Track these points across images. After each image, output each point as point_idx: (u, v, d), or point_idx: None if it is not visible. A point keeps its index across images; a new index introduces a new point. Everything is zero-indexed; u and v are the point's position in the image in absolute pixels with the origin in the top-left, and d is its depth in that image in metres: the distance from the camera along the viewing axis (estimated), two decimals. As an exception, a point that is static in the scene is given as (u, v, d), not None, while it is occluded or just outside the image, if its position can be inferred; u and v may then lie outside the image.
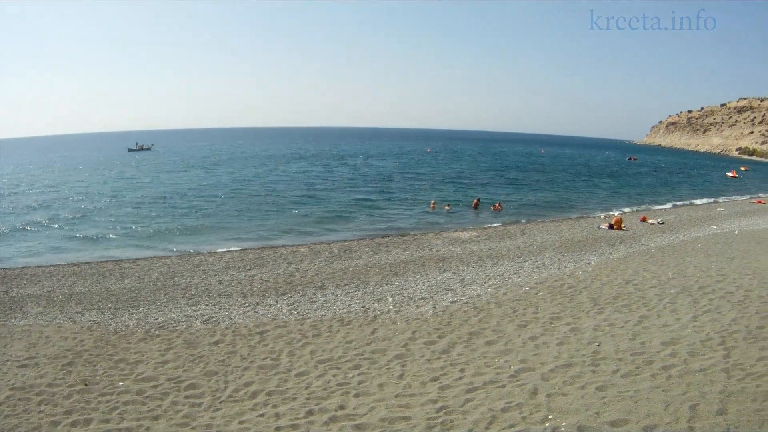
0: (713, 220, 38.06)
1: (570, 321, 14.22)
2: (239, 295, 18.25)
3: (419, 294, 17.85)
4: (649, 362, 10.81)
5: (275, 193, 49.68)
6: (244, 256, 25.00)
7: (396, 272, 21.11)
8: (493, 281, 19.29)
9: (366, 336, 13.75)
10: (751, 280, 17.53)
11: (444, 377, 10.87)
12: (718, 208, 47.01)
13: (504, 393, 9.80)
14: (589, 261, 22.57)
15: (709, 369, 10.18)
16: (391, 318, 15.28)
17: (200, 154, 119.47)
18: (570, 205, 49.40)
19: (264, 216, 37.72)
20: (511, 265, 22.06)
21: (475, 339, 13.22)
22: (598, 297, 16.54)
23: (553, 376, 10.48)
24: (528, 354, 11.89)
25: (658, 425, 8.09)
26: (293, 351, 12.87)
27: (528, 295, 17.22)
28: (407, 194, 51.92)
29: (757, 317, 13.39)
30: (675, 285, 17.47)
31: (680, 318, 13.80)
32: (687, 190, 68.69)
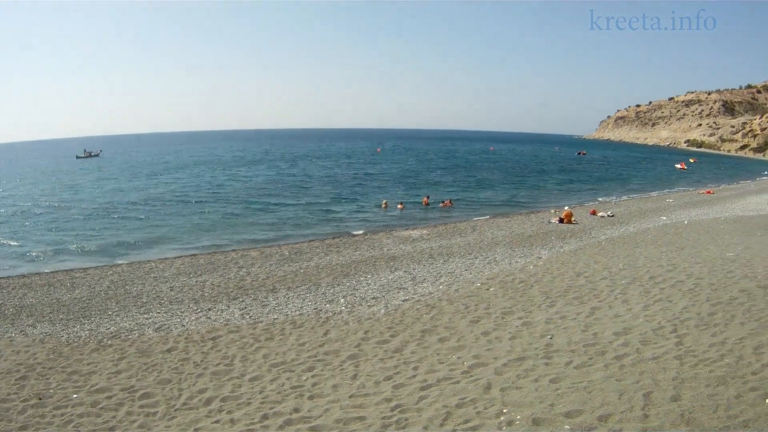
0: (663, 211, 39.19)
1: (522, 315, 14.42)
2: (191, 301, 18.10)
3: (371, 294, 17.96)
4: (601, 353, 11.01)
5: (224, 198, 49.06)
6: (195, 261, 24.72)
7: (347, 273, 21.20)
8: (444, 278, 19.48)
9: (319, 338, 13.80)
10: (701, 269, 18.08)
11: (397, 376, 10.92)
12: (667, 200, 48.41)
13: (458, 389, 9.87)
14: (540, 255, 22.95)
15: (661, 357, 10.42)
16: (343, 319, 15.36)
17: (148, 159, 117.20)
18: (520, 200, 50.29)
19: (214, 221, 37.18)
20: (462, 261, 22.32)
21: (427, 336, 13.33)
22: (549, 290, 16.83)
23: (506, 370, 10.58)
24: (481, 349, 12.00)
25: (613, 414, 8.22)
26: (246, 356, 12.84)
27: (479, 291, 17.43)
28: (358, 195, 52.06)
29: (708, 304, 13.79)
30: (626, 276, 17.89)
31: (632, 308, 14.12)
32: (636, 182, 70.59)
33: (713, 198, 50.31)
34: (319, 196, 51.14)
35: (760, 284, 15.46)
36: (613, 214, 37.09)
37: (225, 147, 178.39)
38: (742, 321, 12.34)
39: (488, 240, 27.64)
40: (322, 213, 41.03)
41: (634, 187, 65.34)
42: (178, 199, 48.33)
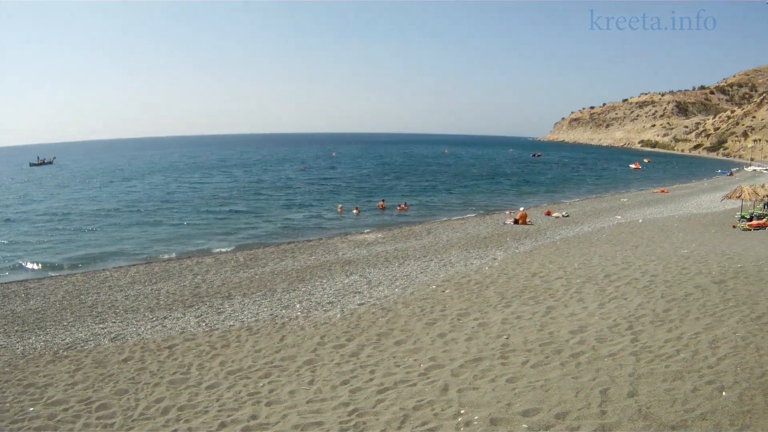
0: (617, 210, 40.04)
1: (478, 316, 14.56)
2: (146, 309, 17.91)
3: (327, 298, 17.99)
4: (557, 351, 11.15)
5: (178, 206, 48.32)
6: (150, 269, 24.39)
7: (303, 278, 21.19)
8: (400, 281, 19.58)
9: (275, 344, 13.79)
10: (656, 266, 18.49)
11: (354, 380, 10.95)
12: (622, 199, 49.43)
13: (415, 391, 9.91)
14: (495, 256, 23.19)
15: (617, 354, 10.60)
16: (299, 324, 15.35)
17: (101, 167, 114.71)
18: (475, 202, 50.78)
19: (168, 229, 36.65)
20: (418, 264, 22.47)
21: (384, 340, 13.40)
22: (505, 291, 17.01)
23: (463, 371, 10.66)
24: (437, 351, 12.09)
25: (570, 412, 8.31)
26: (203, 363, 12.77)
27: (435, 293, 17.56)
28: (313, 199, 52.05)
29: (663, 301, 14.10)
30: (581, 275, 18.20)
31: (587, 306, 14.37)
32: (591, 183, 71.88)
33: (667, 197, 51.58)
34: (274, 201, 50.91)
35: (714, 280, 15.87)
36: (568, 214, 37.71)
37: (178, 153, 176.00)
38: (698, 316, 12.65)
39: (443, 242, 27.85)
40: (276, 218, 40.84)
41: (589, 187, 66.57)
42: (131, 208, 47.50)
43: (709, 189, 59.20)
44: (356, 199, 51.44)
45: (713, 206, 41.71)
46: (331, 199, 50.76)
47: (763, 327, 11.58)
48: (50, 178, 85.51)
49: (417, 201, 50.00)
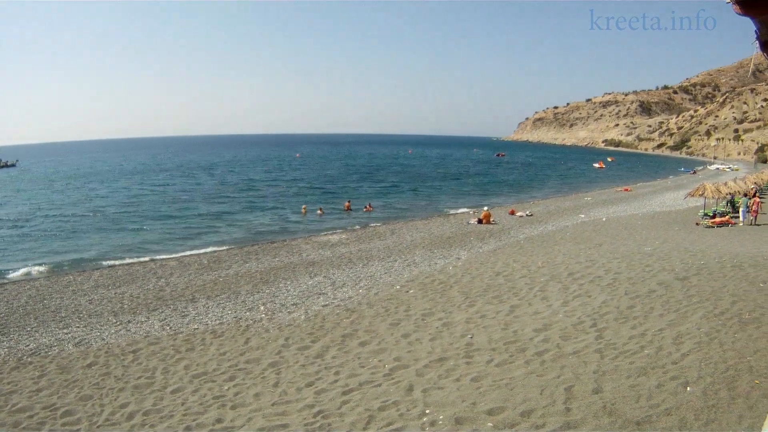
0: (581, 209, 40.55)
1: (442, 316, 14.63)
2: (110, 314, 17.64)
3: (291, 300, 17.94)
4: (522, 350, 11.24)
5: (141, 209, 47.56)
6: (113, 273, 24.03)
7: (267, 280, 21.08)
8: (364, 282, 19.60)
9: (239, 346, 13.73)
10: (619, 264, 18.77)
11: (319, 381, 10.95)
12: (585, 198, 50.08)
13: (380, 392, 9.94)
14: (459, 256, 23.31)
15: (582, 351, 10.73)
16: (263, 326, 15.29)
17: (64, 170, 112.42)
18: (439, 202, 51.01)
19: (132, 232, 36.07)
20: (382, 265, 22.51)
21: (348, 341, 13.41)
22: (469, 290, 17.10)
23: (427, 371, 10.71)
24: (402, 351, 12.13)
25: (535, 409, 8.38)
26: (167, 367, 12.65)
27: (399, 294, 17.60)
28: (277, 201, 51.77)
29: (626, 298, 14.33)
30: (545, 273, 18.39)
31: (551, 305, 14.54)
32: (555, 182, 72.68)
33: (631, 195, 52.41)
34: (238, 203, 50.56)
35: (677, 276, 16.17)
36: (532, 213, 38.07)
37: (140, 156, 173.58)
38: (661, 313, 12.87)
39: (407, 243, 27.91)
40: (240, 220, 40.56)
41: (553, 186, 67.35)
42: (94, 211, 46.56)
43: (672, 187, 60.31)
44: (320, 200, 51.31)
45: (676, 204, 42.49)
46: (295, 201, 50.52)
47: (727, 322, 11.82)
48: (10, 181, 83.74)
49: (382, 202, 50.10)
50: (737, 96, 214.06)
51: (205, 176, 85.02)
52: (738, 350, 10.12)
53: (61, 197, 58.44)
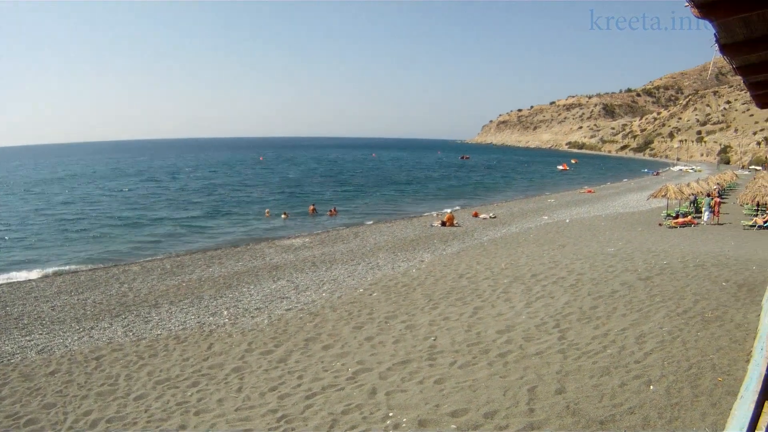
0: (545, 211, 41.01)
1: (405, 319, 14.66)
2: (73, 320, 17.38)
3: (254, 304, 17.86)
4: (485, 351, 11.30)
5: (102, 213, 46.85)
6: (76, 279, 23.68)
7: (230, 284, 20.97)
8: (327, 286, 19.59)
9: (203, 352, 13.65)
10: (582, 265, 19.01)
11: (282, 386, 10.92)
12: (549, 200, 50.64)
13: (343, 396, 9.94)
14: (423, 258, 23.39)
15: (545, 352, 10.82)
16: (227, 331, 15.20)
17: (22, 173, 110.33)
18: (403, 205, 51.23)
19: (94, 237, 35.40)
20: (345, 268, 22.51)
21: (311, 345, 13.39)
22: (432, 293, 17.16)
23: (391, 374, 10.74)
24: (365, 355, 12.14)
25: (499, 411, 8.42)
26: (131, 374, 12.53)
27: (362, 297, 17.62)
28: (241, 205, 51.43)
29: (589, 298, 14.50)
30: (508, 275, 18.52)
31: (514, 306, 14.64)
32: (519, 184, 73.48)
33: (594, 197, 53.14)
34: (201, 207, 50.02)
35: (640, 276, 16.41)
36: (495, 215, 38.39)
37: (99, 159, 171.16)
38: (624, 312, 13.03)
39: (371, 246, 27.96)
40: (204, 224, 40.29)
41: (517, 188, 68.09)
42: (55, 216, 45.61)
43: (635, 189, 61.28)
44: (285, 203, 51.16)
45: (640, 205, 43.19)
46: (259, 205, 50.34)
47: (689, 321, 12.01)
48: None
49: (346, 205, 50.10)
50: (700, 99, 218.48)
51: (168, 180, 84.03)
52: (701, 348, 10.28)
53: (20, 201, 57.40)
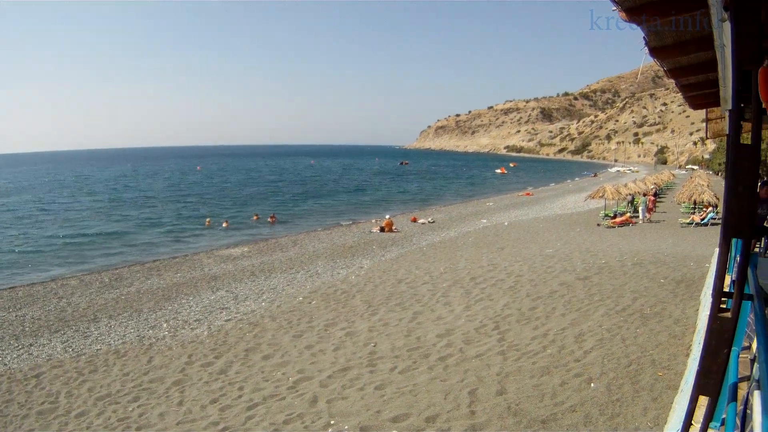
0: (484, 214, 41.55)
1: (345, 326, 14.65)
2: (11, 337, 16.81)
3: (194, 316, 17.63)
4: (425, 356, 11.35)
5: (35, 227, 45.34)
6: (14, 294, 22.91)
7: (169, 296, 20.66)
8: (266, 295, 19.48)
9: (143, 366, 13.43)
10: (521, 266, 19.30)
11: (223, 398, 10.83)
12: (487, 203, 51.32)
13: (284, 405, 9.90)
14: (362, 265, 23.42)
15: (485, 354, 10.92)
16: (166, 344, 14.98)
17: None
18: (342, 212, 51.26)
19: (29, 252, 34.37)
20: (284, 276, 22.40)
21: (251, 355, 13.30)
22: (371, 299, 17.19)
23: (331, 382, 10.73)
24: (305, 363, 12.10)
25: (440, 414, 8.46)
26: (71, 391, 12.23)
27: (302, 305, 17.54)
28: (181, 214, 50.63)
29: (528, 300, 14.72)
30: (447, 279, 18.69)
31: (454, 309, 14.77)
32: (458, 188, 74.32)
33: (533, 199, 54.10)
34: (139, 218, 48.88)
35: (579, 276, 16.72)
36: (434, 220, 38.70)
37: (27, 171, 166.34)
38: (563, 312, 13.27)
39: (310, 253, 27.90)
40: (141, 236, 39.39)
41: (455, 193, 68.72)
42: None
43: (573, 190, 62.57)
44: (225, 212, 50.74)
45: (578, 207, 44.11)
46: (199, 214, 49.81)
47: (628, 318, 12.28)
48: None
49: (284, 213, 49.94)
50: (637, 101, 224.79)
51: (104, 191, 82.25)
52: (640, 345, 10.52)
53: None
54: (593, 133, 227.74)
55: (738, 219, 3.43)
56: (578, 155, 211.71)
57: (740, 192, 3.37)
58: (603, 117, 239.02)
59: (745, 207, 3.39)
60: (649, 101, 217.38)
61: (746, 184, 3.36)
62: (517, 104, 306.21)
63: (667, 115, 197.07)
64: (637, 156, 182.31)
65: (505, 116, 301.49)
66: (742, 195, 3.37)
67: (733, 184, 3.40)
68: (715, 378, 3.78)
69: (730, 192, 3.42)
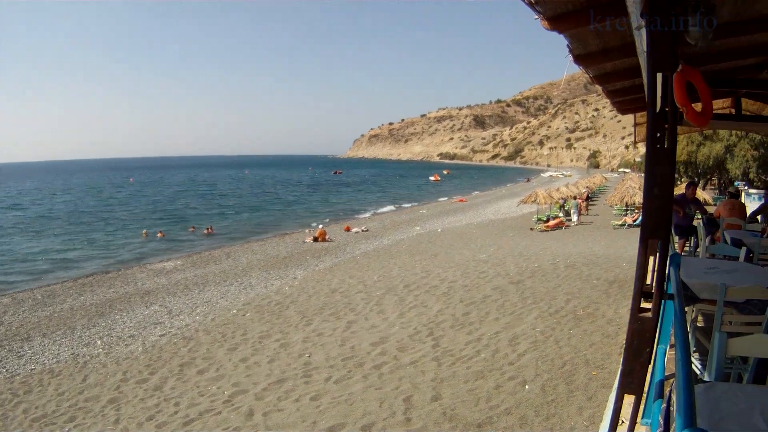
0: (417, 222, 41.89)
1: (279, 337, 14.62)
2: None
3: (128, 332, 17.33)
4: (360, 364, 11.43)
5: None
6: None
7: (102, 312, 20.24)
8: (200, 309, 19.30)
9: (78, 384, 13.14)
10: (454, 272, 19.58)
11: (159, 414, 10.70)
12: (421, 210, 51.79)
13: (220, 420, 9.85)
14: (296, 275, 23.39)
15: (419, 360, 11.05)
16: (101, 361, 14.68)
17: None
18: (275, 222, 51.02)
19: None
20: (218, 289, 22.22)
21: (186, 370, 13.15)
22: (305, 309, 17.18)
23: (267, 394, 10.71)
24: (240, 377, 12.05)
25: (376, 422, 8.53)
26: (6, 413, 11.90)
27: (236, 318, 17.44)
28: (116, 227, 49.60)
29: (462, 305, 14.97)
30: (381, 287, 18.84)
31: (388, 317, 14.91)
32: (392, 196, 74.75)
33: (466, 205, 54.76)
34: (73, 232, 47.55)
35: (512, 280, 17.03)
36: (368, 228, 38.86)
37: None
38: (497, 316, 13.51)
39: (243, 265, 27.73)
40: (76, 249, 38.48)
41: (389, 201, 69.00)
42: None
43: (507, 195, 63.65)
44: (160, 224, 50.00)
45: (511, 212, 44.87)
46: (134, 226, 49.03)
47: (561, 320, 12.59)
48: None
49: (218, 224, 49.54)
50: (569, 107, 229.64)
51: (29, 203, 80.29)
52: (574, 345, 10.79)
53: None
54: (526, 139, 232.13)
55: (654, 220, 3.58)
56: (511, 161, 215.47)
57: (656, 194, 3.52)
58: (535, 123, 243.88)
59: (661, 209, 3.54)
60: (581, 107, 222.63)
61: (661, 187, 3.51)
62: (450, 112, 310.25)
63: (599, 120, 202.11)
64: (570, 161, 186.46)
65: (438, 124, 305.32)
66: (658, 197, 3.52)
67: (649, 187, 3.54)
68: (639, 377, 3.92)
69: (646, 194, 3.57)
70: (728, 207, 11.53)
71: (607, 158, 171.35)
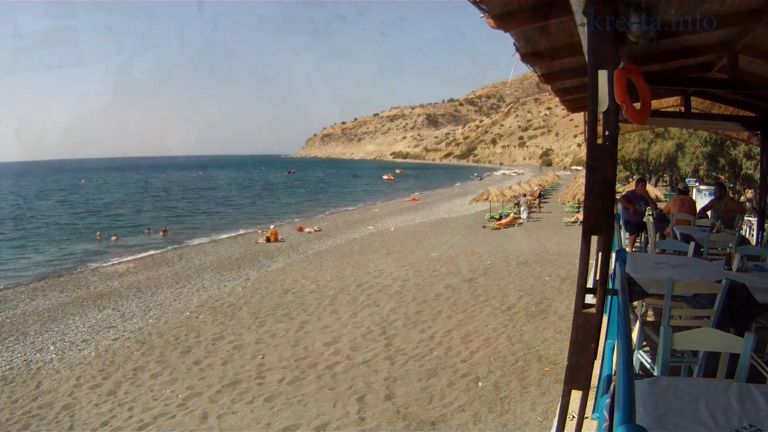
0: (370, 221, 41.87)
1: (232, 339, 14.55)
2: None
3: (81, 337, 17.00)
4: (313, 365, 11.44)
5: None
6: None
7: (55, 317, 19.83)
8: (153, 311, 19.07)
9: (31, 391, 12.88)
10: (407, 271, 19.65)
11: (114, 420, 10.58)
12: (374, 209, 51.81)
13: (175, 423, 9.80)
14: (249, 276, 23.23)
15: (372, 360, 11.11)
16: (54, 367, 14.39)
17: None
18: (228, 223, 50.52)
19: None
20: (171, 291, 21.97)
21: (140, 374, 12.99)
22: (258, 311, 17.10)
23: (220, 396, 10.67)
24: (194, 379, 11.97)
25: (330, 422, 8.56)
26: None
27: (189, 320, 17.28)
28: (67, 230, 48.45)
29: (414, 304, 15.07)
30: (333, 287, 18.85)
31: (340, 317, 14.94)
32: (345, 195, 74.62)
33: (419, 204, 54.93)
34: (23, 234, 46.46)
35: (464, 278, 17.17)
36: (320, 228, 38.73)
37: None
38: (449, 314, 13.62)
39: (196, 266, 27.45)
40: (27, 253, 37.25)
41: (342, 200, 68.99)
42: None
43: (460, 194, 63.94)
44: (113, 227, 49.21)
45: (464, 210, 45.13)
46: (86, 229, 48.13)
47: (514, 317, 12.75)
48: None
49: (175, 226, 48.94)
50: (521, 106, 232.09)
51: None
52: (526, 342, 10.94)
53: None
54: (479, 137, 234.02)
55: (595, 217, 3.63)
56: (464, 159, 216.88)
57: (597, 191, 3.57)
58: (488, 122, 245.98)
59: (601, 205, 3.60)
60: (534, 105, 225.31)
61: (602, 183, 3.56)
62: (403, 111, 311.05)
63: (551, 119, 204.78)
64: (523, 159, 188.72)
65: (391, 123, 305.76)
66: (599, 193, 3.57)
67: (590, 183, 3.59)
68: (585, 372, 3.97)
69: (587, 191, 3.62)
70: (678, 203, 11.77)
71: (559, 156, 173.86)
